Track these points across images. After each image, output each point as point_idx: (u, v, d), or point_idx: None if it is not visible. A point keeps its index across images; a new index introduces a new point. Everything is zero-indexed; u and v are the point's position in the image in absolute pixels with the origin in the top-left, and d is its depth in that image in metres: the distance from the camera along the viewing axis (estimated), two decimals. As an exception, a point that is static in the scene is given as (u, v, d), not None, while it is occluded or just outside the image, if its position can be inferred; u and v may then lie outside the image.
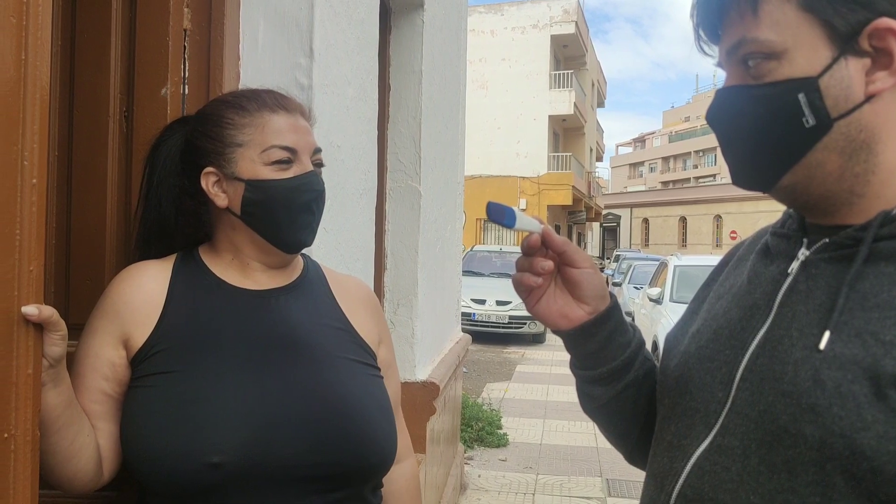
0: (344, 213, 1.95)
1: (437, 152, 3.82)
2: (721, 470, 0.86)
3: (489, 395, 8.25)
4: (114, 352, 1.18)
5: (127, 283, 1.22)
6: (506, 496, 5.17)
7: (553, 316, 1.03)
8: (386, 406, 1.26)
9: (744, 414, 0.85)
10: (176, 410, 1.12)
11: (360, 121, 2.14)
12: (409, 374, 3.37)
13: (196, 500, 1.11)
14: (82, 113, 1.50)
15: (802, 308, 0.85)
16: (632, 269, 16.14)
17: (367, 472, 1.20)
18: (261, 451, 1.10)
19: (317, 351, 1.22)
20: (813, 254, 0.88)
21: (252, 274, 1.26)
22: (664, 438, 0.97)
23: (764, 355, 0.86)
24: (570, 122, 32.35)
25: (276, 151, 1.20)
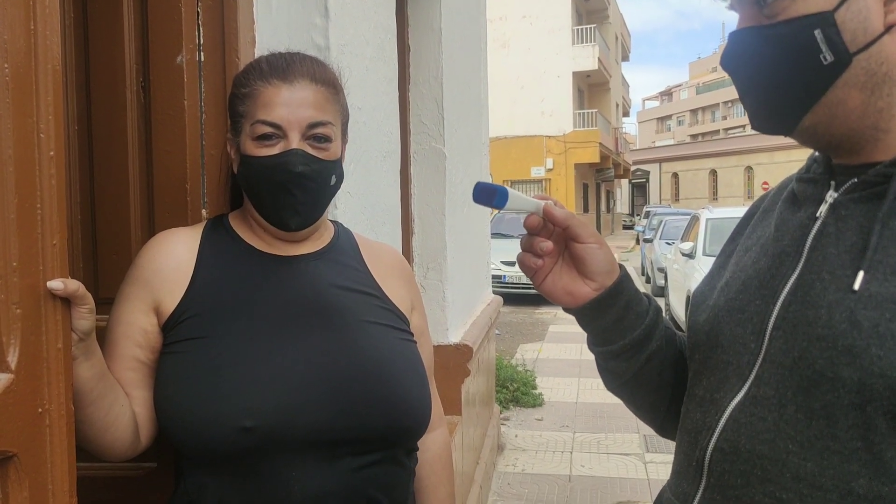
0: (368, 176, 1.93)
1: (460, 113, 3.77)
2: (757, 421, 0.84)
3: (523, 356, 8.27)
4: (145, 319, 1.18)
5: (156, 250, 1.22)
6: (543, 455, 5.20)
7: (558, 293, 1.01)
8: (419, 369, 1.25)
9: (778, 362, 0.83)
10: (207, 376, 1.12)
11: (380, 81, 2.11)
12: (441, 338, 3.36)
13: (229, 463, 1.12)
14: (99, 86, 1.48)
15: (833, 251, 0.83)
16: (662, 224, 15.94)
17: (400, 435, 1.20)
18: (292, 414, 1.11)
19: (347, 316, 1.21)
20: (841, 195, 0.85)
21: (276, 241, 1.25)
22: (696, 394, 0.95)
23: (796, 302, 0.83)
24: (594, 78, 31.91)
25: (260, 126, 1.17)
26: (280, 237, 1.25)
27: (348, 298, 1.24)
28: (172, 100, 1.48)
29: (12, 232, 0.88)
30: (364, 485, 1.16)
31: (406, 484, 1.25)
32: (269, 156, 1.17)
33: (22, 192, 0.89)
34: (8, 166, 0.87)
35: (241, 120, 1.20)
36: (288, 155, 1.17)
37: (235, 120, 1.22)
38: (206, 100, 1.49)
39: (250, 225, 1.26)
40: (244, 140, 1.20)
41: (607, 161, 32.65)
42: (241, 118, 1.20)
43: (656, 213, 22.60)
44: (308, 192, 1.19)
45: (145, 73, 1.49)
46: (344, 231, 1.36)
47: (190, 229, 1.28)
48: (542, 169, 29.18)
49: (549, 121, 28.89)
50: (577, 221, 0.96)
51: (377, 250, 1.37)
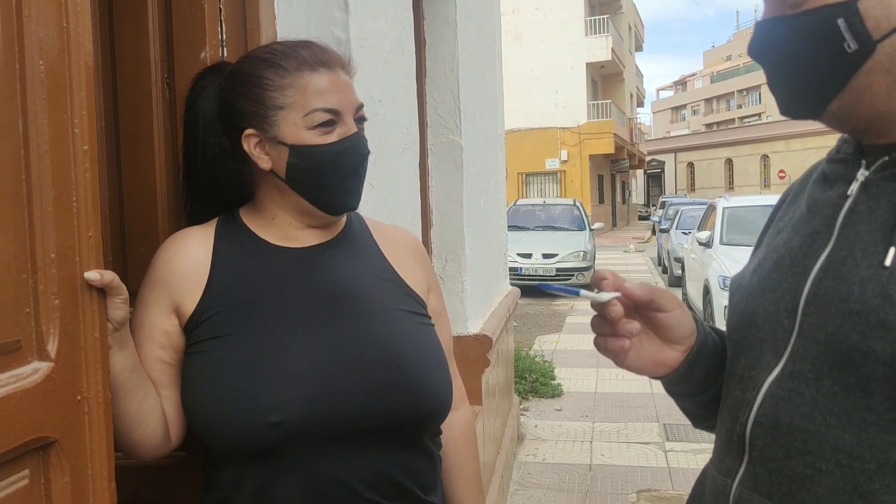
0: (388, 168, 1.95)
1: (476, 105, 3.78)
2: (795, 395, 0.85)
3: (541, 348, 8.27)
4: (166, 321, 1.19)
5: (171, 251, 1.22)
6: (563, 444, 5.21)
7: (648, 366, 1.00)
8: (439, 354, 1.26)
9: (812, 338, 0.85)
10: (232, 373, 1.13)
11: (398, 74, 2.12)
12: (461, 328, 3.38)
13: (258, 458, 1.13)
14: (125, 82, 1.51)
15: (865, 228, 0.84)
16: (679, 214, 15.89)
17: (425, 421, 1.21)
18: (319, 407, 1.12)
19: (367, 304, 1.22)
20: (872, 174, 0.86)
21: (295, 233, 1.25)
22: (735, 372, 0.97)
23: (827, 278, 0.85)
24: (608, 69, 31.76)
25: (320, 114, 1.17)
26: (315, 224, 1.25)
27: (367, 286, 1.24)
28: (197, 95, 1.49)
29: (50, 225, 0.90)
30: (392, 471, 1.17)
31: (433, 469, 1.27)
32: (335, 142, 1.18)
33: (58, 186, 0.92)
34: (45, 161, 0.90)
35: (279, 112, 1.18)
36: (355, 138, 1.20)
37: (265, 114, 1.19)
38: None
39: (270, 218, 1.25)
40: (295, 131, 1.17)
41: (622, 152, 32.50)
42: (282, 110, 1.17)
43: (672, 203, 22.51)
44: (365, 172, 1.25)
45: (170, 69, 1.51)
46: (355, 216, 1.35)
47: (202, 228, 1.27)
48: (557, 161, 29.10)
49: (563, 112, 28.80)
50: (659, 293, 0.96)
51: (391, 234, 1.37)
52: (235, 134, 1.22)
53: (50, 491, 0.91)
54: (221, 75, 1.27)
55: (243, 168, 1.24)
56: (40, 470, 0.90)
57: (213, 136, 1.25)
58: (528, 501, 4.24)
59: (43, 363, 0.89)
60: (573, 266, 12.63)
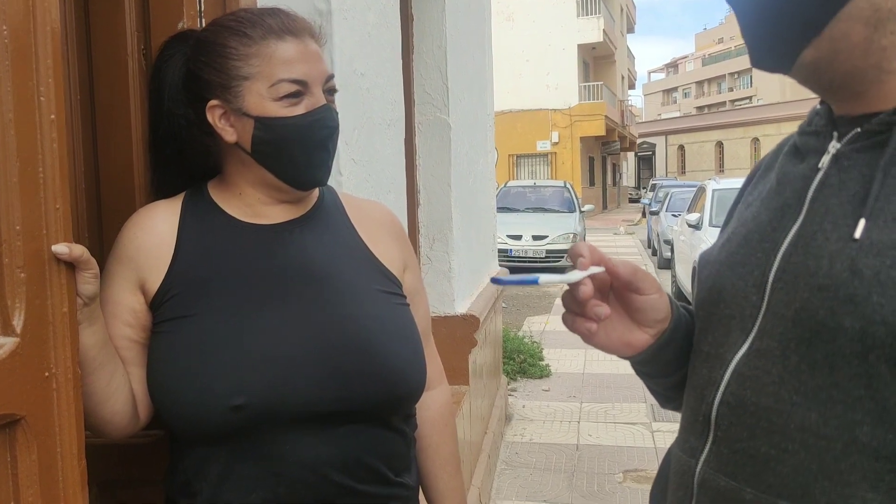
0: (372, 144, 1.92)
1: (464, 83, 3.74)
2: (762, 374, 0.83)
3: (530, 329, 8.28)
4: (132, 297, 1.16)
5: (137, 226, 1.19)
6: (551, 425, 5.23)
7: (615, 346, 0.97)
8: (412, 335, 1.23)
9: (780, 315, 0.82)
10: (194, 355, 1.10)
11: (383, 48, 2.08)
12: (448, 308, 3.37)
13: (221, 441, 1.11)
14: (101, 53, 1.47)
15: (835, 201, 0.81)
16: (669, 196, 15.87)
17: (394, 405, 1.18)
18: (283, 389, 1.09)
19: (336, 283, 1.18)
20: (844, 145, 0.83)
21: (263, 209, 1.21)
22: (702, 350, 0.94)
23: (797, 253, 0.82)
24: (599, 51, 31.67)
25: (286, 85, 1.12)
26: (281, 199, 1.21)
27: (337, 264, 1.20)
28: (174, 67, 1.46)
29: (15, 196, 0.87)
30: (360, 452, 1.15)
31: (405, 451, 1.25)
32: (301, 115, 1.13)
33: (24, 156, 0.89)
34: (9, 130, 0.87)
35: (243, 83, 1.14)
36: (323, 111, 1.15)
37: (230, 84, 1.15)
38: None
39: (238, 193, 1.21)
40: (260, 102, 1.13)
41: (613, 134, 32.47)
42: (246, 80, 1.13)
43: (662, 185, 22.51)
44: (335, 146, 1.20)
45: (146, 41, 1.47)
46: (329, 191, 1.31)
47: (169, 202, 1.23)
48: (548, 142, 29.05)
49: (554, 94, 28.70)
50: (641, 274, 0.93)
51: (364, 209, 1.32)
52: (201, 105, 1.18)
53: (17, 469, 0.89)
54: (188, 44, 1.22)
55: (210, 141, 1.20)
56: (6, 448, 0.88)
57: (178, 108, 1.21)
58: (514, 481, 4.25)
59: (8, 338, 0.87)
60: (563, 248, 12.62)
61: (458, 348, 3.33)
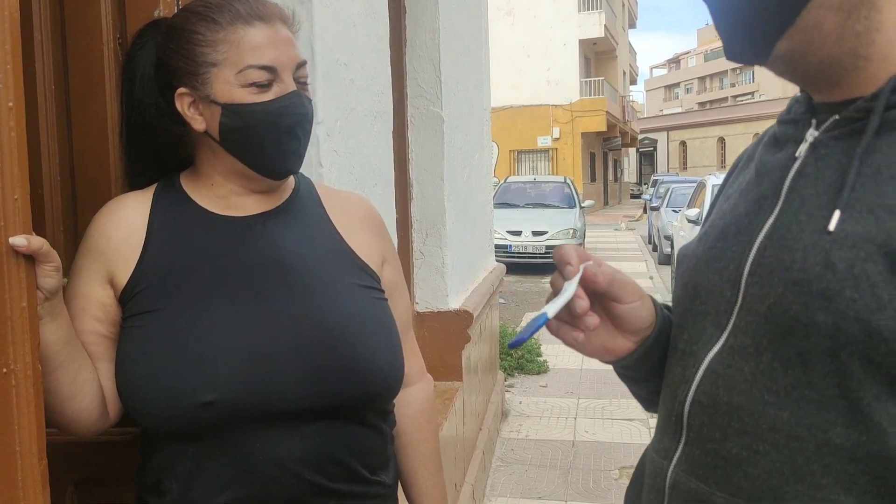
0: (357, 135, 1.88)
1: (459, 77, 3.71)
2: (734, 372, 0.80)
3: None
4: (102, 291, 1.13)
5: (106, 218, 1.17)
6: (547, 421, 5.20)
7: (596, 351, 0.95)
8: (389, 330, 1.19)
9: (754, 310, 0.79)
10: (164, 350, 1.08)
11: (369, 38, 2.05)
12: (441, 304, 3.34)
13: (190, 439, 1.09)
14: (75, 42, 1.44)
15: (811, 191, 0.79)
16: (669, 192, 15.83)
17: (370, 401, 1.15)
18: (255, 385, 1.07)
19: (310, 276, 1.15)
20: (822, 133, 0.81)
21: (235, 200, 1.18)
22: (677, 347, 0.91)
23: (772, 246, 0.79)
24: (601, 46, 31.58)
25: (254, 72, 1.09)
26: (256, 189, 1.18)
27: (311, 258, 1.17)
28: (151, 56, 1.43)
29: (-31, 186, 0.85)
30: (335, 450, 1.12)
31: (382, 448, 1.22)
32: (270, 101, 1.10)
33: (-21, 145, 0.86)
34: (-38, 117, 0.84)
35: (211, 70, 1.11)
36: (292, 97, 1.12)
37: (197, 71, 1.12)
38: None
39: (209, 184, 1.18)
40: (228, 89, 1.10)
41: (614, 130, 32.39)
42: (214, 67, 1.11)
43: (663, 181, 22.45)
44: (306, 134, 1.16)
45: (122, 29, 1.44)
46: (305, 182, 1.28)
47: (140, 194, 1.20)
48: (549, 138, 28.99)
49: (555, 89, 28.63)
50: (620, 284, 0.90)
51: (343, 202, 1.29)
52: (170, 94, 1.15)
53: (-28, 468, 0.86)
54: (160, 32, 1.19)
55: (180, 130, 1.17)
56: (-39, 447, 0.85)
57: (149, 97, 1.18)
58: (509, 477, 4.22)
59: (-38, 333, 0.84)
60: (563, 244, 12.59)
61: (452, 344, 3.31)
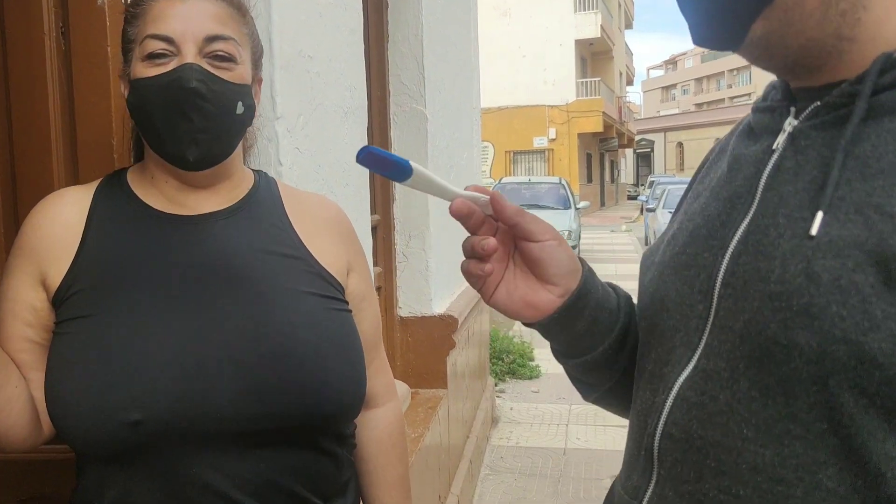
0: (323, 132, 1.78)
1: (444, 74, 3.61)
2: (708, 400, 0.69)
3: (520, 329, 8.14)
4: (33, 293, 1.03)
5: (41, 214, 1.07)
6: (538, 427, 5.10)
7: (517, 306, 0.82)
8: (348, 345, 1.09)
9: (727, 327, 0.69)
10: (91, 362, 0.97)
11: (338, 30, 1.94)
12: (425, 308, 3.24)
13: (118, 460, 0.98)
14: (15, 32, 1.34)
15: (790, 188, 0.69)
16: (665, 193, 15.77)
17: (323, 423, 1.05)
18: (189, 404, 0.96)
19: (260, 284, 1.04)
20: (802, 122, 0.71)
21: (178, 196, 1.08)
22: (645, 368, 0.80)
23: (747, 252, 0.69)
24: (597, 46, 31.53)
25: (150, 42, 1.00)
26: (185, 181, 1.08)
27: (264, 263, 1.07)
28: (95, 46, 1.33)
29: None
30: (283, 479, 1.02)
31: (335, 474, 1.11)
32: (160, 74, 1.00)
33: None
34: None
35: (131, 46, 1.04)
36: (181, 70, 0.99)
37: (127, 50, 1.06)
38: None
39: (150, 177, 1.09)
40: (135, 65, 1.03)
41: (611, 131, 32.33)
42: (132, 43, 1.04)
43: (660, 182, 22.37)
44: (207, 118, 1.01)
45: (65, 17, 1.35)
46: (265, 181, 1.18)
47: (82, 188, 1.11)
48: (545, 139, 28.90)
49: (551, 90, 28.55)
50: (529, 217, 0.80)
51: (305, 203, 1.18)
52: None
53: None
54: None
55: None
56: None
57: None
58: (498, 486, 4.12)
59: None
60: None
61: (436, 350, 3.21)
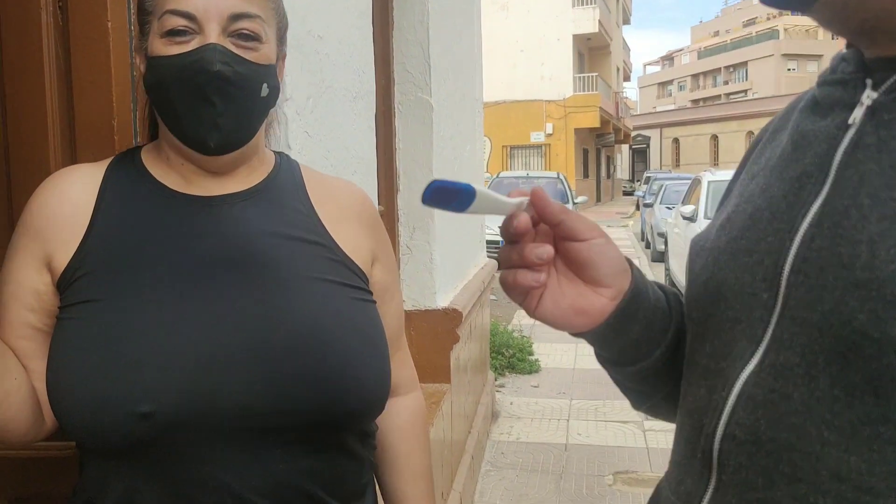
0: (332, 116, 1.72)
1: (449, 64, 3.54)
2: (779, 399, 0.63)
3: (520, 323, 8.10)
4: (37, 277, 0.97)
5: (49, 192, 1.00)
6: (539, 422, 5.05)
7: (566, 315, 0.75)
8: (373, 337, 1.02)
9: (801, 318, 0.63)
10: (99, 349, 0.90)
11: (348, 12, 1.88)
12: (429, 302, 3.18)
13: (126, 455, 0.92)
14: (8, 5, 1.27)
15: (874, 167, 0.62)
16: (663, 189, 15.75)
17: (346, 419, 0.98)
18: (203, 396, 0.89)
19: (278, 270, 0.98)
20: (883, 95, 0.64)
21: (196, 179, 1.02)
22: (698, 363, 0.73)
23: (822, 236, 0.63)
24: (595, 41, 31.49)
25: (170, 18, 0.93)
26: (203, 165, 1.01)
27: (284, 249, 1.00)
28: (94, 22, 1.27)
29: None
30: (301, 480, 0.95)
31: (358, 474, 1.05)
32: (182, 53, 0.93)
33: None
34: None
35: (148, 19, 0.97)
36: (203, 51, 0.93)
37: (144, 22, 0.99)
38: (136, 22, 1.28)
39: (166, 157, 1.03)
40: (153, 41, 0.96)
41: (608, 126, 32.31)
42: (149, 15, 0.97)
43: (656, 178, 22.35)
44: (231, 101, 0.95)
45: (63, -10, 1.28)
46: (287, 164, 1.11)
47: (93, 166, 1.05)
48: (542, 134, 28.87)
49: (549, 85, 28.51)
50: (574, 214, 0.72)
51: (332, 188, 1.12)
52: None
53: None
54: None
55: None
56: None
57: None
58: (499, 483, 4.07)
59: None
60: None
61: (440, 344, 3.15)
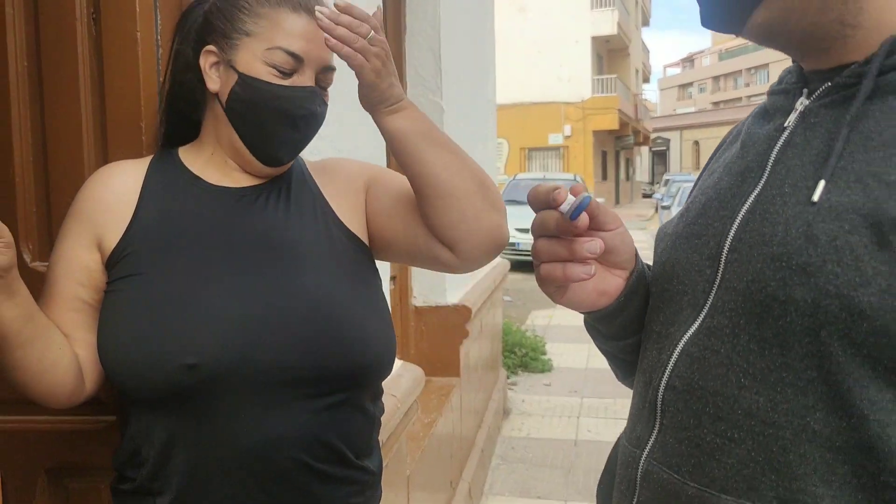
0: (342, 118, 1.82)
1: (461, 66, 3.64)
2: (710, 354, 0.75)
3: (533, 323, 8.19)
4: (88, 255, 1.13)
5: (99, 182, 1.17)
6: (550, 420, 5.14)
7: (591, 297, 0.86)
8: (376, 305, 1.19)
9: (732, 288, 0.74)
10: (147, 312, 1.06)
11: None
12: (439, 298, 3.28)
13: (174, 404, 1.06)
14: (48, 18, 1.39)
15: (797, 162, 0.74)
16: (680, 191, 15.82)
17: (361, 376, 1.13)
18: (240, 352, 1.04)
19: (301, 249, 1.15)
20: (813, 102, 0.76)
21: (231, 172, 1.20)
22: (653, 329, 0.86)
23: (754, 220, 0.75)
24: (613, 43, 31.43)
25: (280, 55, 1.11)
26: (251, 169, 1.19)
27: (300, 232, 1.17)
28: (124, 33, 1.38)
29: None
30: (321, 430, 1.10)
31: (369, 434, 1.20)
32: (285, 85, 1.11)
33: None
34: None
35: (243, 38, 1.13)
36: (308, 91, 1.13)
37: (230, 35, 1.14)
38: (163, 32, 1.40)
39: (210, 155, 1.20)
40: (251, 61, 1.12)
41: (626, 128, 32.24)
42: (247, 36, 1.13)
43: (675, 180, 22.33)
44: (310, 132, 1.18)
45: (96, 3, 1.40)
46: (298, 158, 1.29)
47: (135, 162, 1.23)
48: (560, 136, 28.87)
49: (567, 87, 28.50)
50: (602, 207, 0.82)
51: (328, 170, 1.29)
52: (200, 48, 1.18)
53: None
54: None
55: (197, 87, 1.20)
56: None
57: (185, 48, 1.22)
58: (509, 476, 4.17)
59: None
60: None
61: (449, 339, 3.25)
